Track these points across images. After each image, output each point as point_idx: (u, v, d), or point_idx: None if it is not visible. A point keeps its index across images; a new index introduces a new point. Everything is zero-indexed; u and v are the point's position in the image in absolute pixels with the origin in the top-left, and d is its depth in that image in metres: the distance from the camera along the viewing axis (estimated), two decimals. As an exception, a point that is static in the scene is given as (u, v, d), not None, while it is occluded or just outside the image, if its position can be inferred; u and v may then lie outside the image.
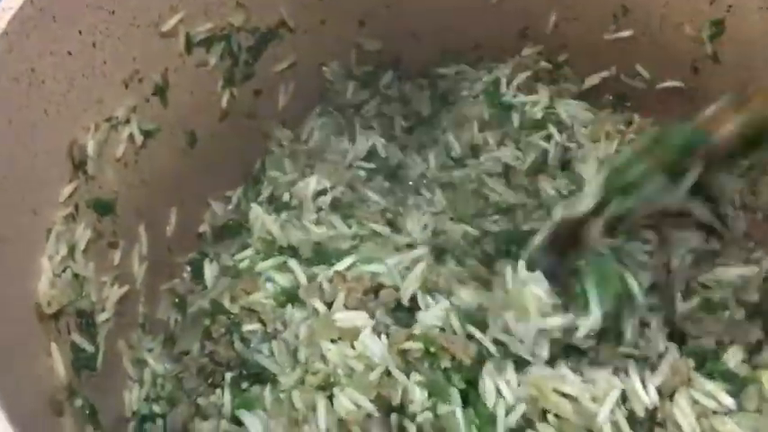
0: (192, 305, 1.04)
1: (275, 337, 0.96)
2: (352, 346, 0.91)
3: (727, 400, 0.85)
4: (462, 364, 0.88)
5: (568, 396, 0.85)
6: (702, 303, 0.95)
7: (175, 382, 0.98)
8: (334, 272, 0.97)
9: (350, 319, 0.93)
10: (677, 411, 0.84)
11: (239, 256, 1.04)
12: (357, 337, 0.91)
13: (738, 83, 1.07)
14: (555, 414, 0.85)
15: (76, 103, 0.89)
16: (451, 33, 1.19)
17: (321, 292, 0.96)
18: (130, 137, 0.97)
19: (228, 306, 0.99)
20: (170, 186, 1.05)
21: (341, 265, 0.98)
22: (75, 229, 0.90)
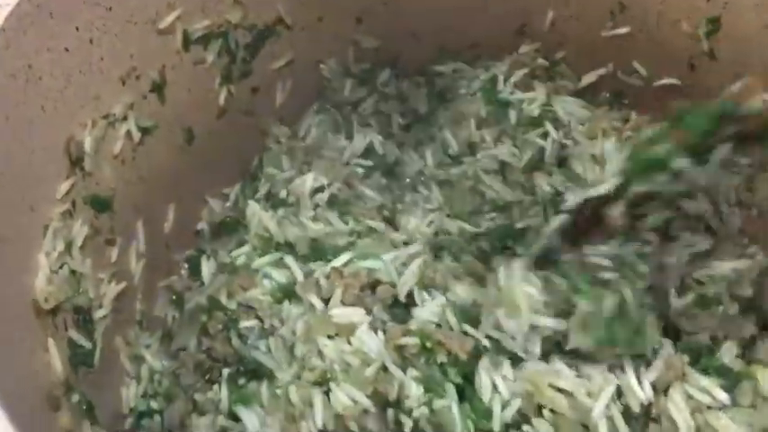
0: (190, 302, 1.04)
1: (272, 333, 0.96)
2: (349, 342, 0.91)
3: (722, 396, 0.85)
4: (458, 359, 0.88)
5: (564, 391, 0.85)
6: (697, 299, 0.94)
7: (173, 378, 0.99)
8: (330, 268, 0.97)
9: (346, 315, 0.93)
10: (672, 406, 0.84)
11: (236, 252, 1.04)
12: (354, 332, 0.92)
13: (735, 79, 1.07)
14: (550, 409, 0.85)
15: (73, 100, 0.89)
16: (449, 31, 1.19)
17: (318, 288, 0.97)
18: (128, 134, 0.97)
19: (225, 302, 0.99)
20: (167, 183, 1.05)
21: (338, 261, 0.98)
22: (73, 226, 0.90)
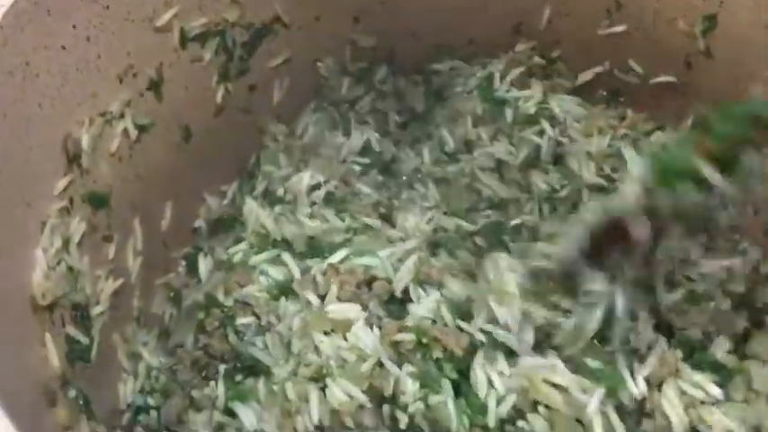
0: (187, 299, 1.04)
1: (269, 329, 0.96)
2: (345, 338, 0.91)
3: (715, 391, 0.85)
4: (454, 355, 0.88)
5: (558, 387, 0.85)
6: (687, 295, 0.94)
7: (170, 374, 0.99)
8: (327, 265, 0.97)
9: (342, 311, 0.93)
10: (665, 402, 0.84)
11: (233, 249, 1.04)
12: (350, 328, 0.92)
13: (731, 78, 1.08)
14: (545, 405, 0.86)
15: (71, 98, 0.89)
16: (446, 29, 1.20)
17: (315, 284, 0.97)
18: (125, 131, 0.98)
19: (222, 299, 0.99)
20: (165, 181, 1.06)
21: (334, 258, 0.98)
22: (70, 223, 0.91)
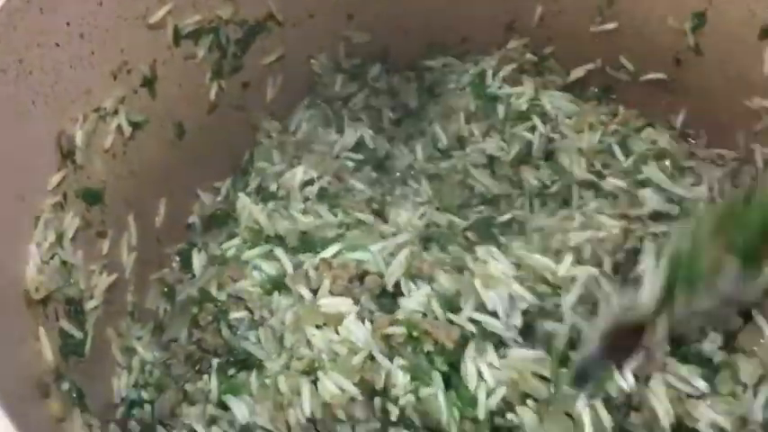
0: (181, 294, 1.05)
1: (262, 324, 0.97)
2: (337, 332, 0.92)
3: (701, 384, 0.86)
4: (445, 348, 0.88)
5: (547, 380, 0.86)
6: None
7: (163, 368, 1.00)
8: (320, 259, 0.98)
9: (334, 305, 0.94)
10: (652, 396, 0.85)
11: (227, 244, 1.05)
12: (341, 322, 0.92)
13: (720, 75, 1.09)
14: (534, 398, 0.86)
15: (64, 95, 0.90)
16: (439, 26, 1.20)
17: (307, 279, 0.97)
18: (119, 128, 0.98)
19: (216, 294, 1.00)
20: (159, 177, 1.06)
21: (327, 252, 0.98)
22: (64, 218, 0.91)
